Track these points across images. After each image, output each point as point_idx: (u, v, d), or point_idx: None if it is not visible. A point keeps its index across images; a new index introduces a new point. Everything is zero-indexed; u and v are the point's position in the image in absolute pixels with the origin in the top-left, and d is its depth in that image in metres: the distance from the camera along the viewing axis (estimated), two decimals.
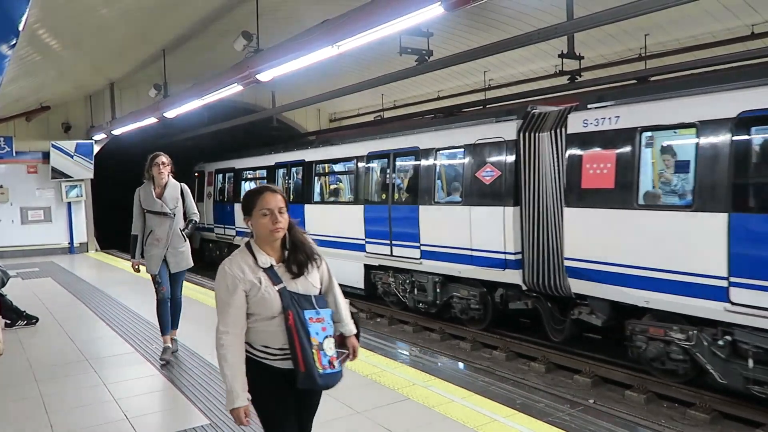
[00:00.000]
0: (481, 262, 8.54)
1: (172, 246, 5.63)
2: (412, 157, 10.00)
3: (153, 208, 5.57)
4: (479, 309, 8.93)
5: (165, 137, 18.70)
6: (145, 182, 5.66)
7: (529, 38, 6.89)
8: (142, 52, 11.60)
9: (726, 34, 9.32)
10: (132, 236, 5.70)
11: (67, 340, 6.67)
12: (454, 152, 9.23)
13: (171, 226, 5.60)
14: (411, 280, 10.01)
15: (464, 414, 4.22)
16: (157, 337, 6.64)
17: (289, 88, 14.47)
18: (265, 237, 2.57)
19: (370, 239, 10.69)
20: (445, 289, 9.45)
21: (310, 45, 6.50)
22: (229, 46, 8.31)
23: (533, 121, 8.04)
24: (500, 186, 8.22)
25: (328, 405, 4.59)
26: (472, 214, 8.63)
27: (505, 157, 8.19)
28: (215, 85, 9.28)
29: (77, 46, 9.94)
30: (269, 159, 14.45)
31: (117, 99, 14.97)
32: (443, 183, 9.53)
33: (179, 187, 5.76)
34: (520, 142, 8.03)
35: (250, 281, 2.50)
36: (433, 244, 9.35)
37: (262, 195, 2.57)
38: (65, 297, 9.46)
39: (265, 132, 17.48)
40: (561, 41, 9.30)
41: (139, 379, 5.30)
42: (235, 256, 2.59)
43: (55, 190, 15.87)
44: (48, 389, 5.02)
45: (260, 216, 2.54)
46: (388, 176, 10.41)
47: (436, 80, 13.96)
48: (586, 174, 7.06)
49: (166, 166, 5.61)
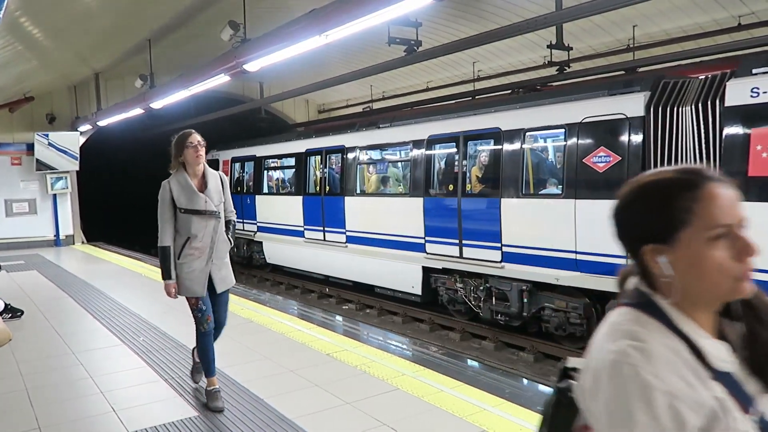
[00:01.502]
0: (590, 267, 7.06)
1: (217, 257, 4.28)
2: (490, 141, 8.46)
3: (194, 206, 4.15)
4: (581, 324, 7.46)
5: (151, 129, 18.53)
6: (174, 173, 4.24)
7: (518, 28, 6.87)
8: (127, 41, 11.44)
9: (713, 26, 9.38)
10: (162, 249, 4.16)
11: (53, 333, 6.60)
12: (552, 134, 7.82)
13: (216, 230, 4.26)
14: (487, 287, 8.51)
15: (453, 403, 4.23)
16: (145, 328, 6.61)
17: (277, 78, 14.39)
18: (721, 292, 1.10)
19: (431, 237, 9.15)
20: (534, 298, 7.94)
21: (298, 34, 6.44)
22: (216, 35, 8.22)
23: (666, 93, 6.58)
24: (620, 174, 6.66)
25: (318, 396, 4.61)
26: (577, 210, 7.14)
27: (628, 138, 6.71)
28: (202, 76, 9.19)
29: (60, 35, 9.79)
30: (299, 145, 12.79)
31: (102, 90, 14.79)
32: (535, 171, 7.94)
33: (218, 176, 4.41)
34: (648, 119, 6.54)
35: (705, 405, 1.03)
36: (519, 245, 7.85)
37: None
38: (51, 290, 9.36)
39: (253, 123, 17.35)
40: (550, 32, 9.30)
41: (126, 371, 5.26)
42: (646, 342, 1.06)
43: (40, 182, 15.68)
44: (33, 382, 4.96)
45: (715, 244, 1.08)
46: (457, 163, 8.83)
47: (425, 71, 13.92)
48: (755, 159, 5.66)
49: (203, 146, 4.21)
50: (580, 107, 7.25)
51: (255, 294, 8.93)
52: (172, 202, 4.15)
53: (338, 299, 11.80)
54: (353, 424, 3.93)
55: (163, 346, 5.90)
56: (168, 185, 4.16)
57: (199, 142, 4.17)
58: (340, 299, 11.76)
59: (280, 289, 13.47)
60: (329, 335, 6.21)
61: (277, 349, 5.74)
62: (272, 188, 14.14)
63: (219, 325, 4.44)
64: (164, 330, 6.53)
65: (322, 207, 11.69)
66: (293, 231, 12.61)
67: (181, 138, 4.19)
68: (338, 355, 5.46)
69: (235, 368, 5.13)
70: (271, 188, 14.15)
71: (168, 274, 4.15)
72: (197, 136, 4.18)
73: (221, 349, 5.76)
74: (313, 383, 4.72)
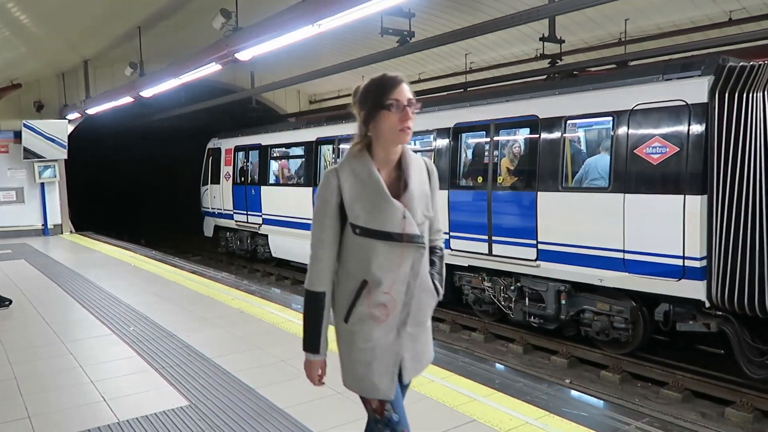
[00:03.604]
0: (640, 268, 6.50)
1: (414, 320, 2.28)
2: (525, 129, 7.93)
3: (382, 225, 2.18)
4: (626, 329, 6.90)
5: (141, 118, 18.38)
6: (351, 155, 2.25)
7: (511, 20, 6.87)
8: (116, 28, 11.30)
9: (704, 20, 9.44)
10: (311, 296, 2.28)
11: (42, 323, 6.55)
12: (597, 122, 7.29)
13: (418, 270, 2.26)
14: (519, 287, 7.97)
15: (443, 393, 4.26)
16: (135, 318, 6.58)
17: (269, 68, 14.27)
18: None
19: (456, 233, 8.55)
20: (573, 300, 7.35)
21: (290, 24, 6.40)
22: (207, 24, 8.13)
23: (733, 78, 5.94)
24: (678, 167, 6.14)
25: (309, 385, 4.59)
26: (627, 205, 6.55)
27: (688, 128, 6.09)
28: (193, 64, 9.11)
29: (49, 21, 9.66)
30: (309, 133, 12.21)
31: (91, 77, 14.58)
32: (577, 163, 7.40)
33: (424, 165, 2.38)
34: (713, 106, 5.93)
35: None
36: (557, 243, 7.26)
37: None
38: (40, 279, 9.29)
39: (244, 113, 17.24)
40: (542, 25, 9.30)
41: (116, 361, 5.24)
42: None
43: (28, 171, 15.51)
44: (23, 372, 4.93)
45: None
46: (487, 154, 8.25)
47: (418, 62, 13.89)
48: None
49: (415, 106, 2.21)
50: (631, 93, 6.62)
51: (246, 285, 8.91)
52: (339, 211, 2.21)
53: None
54: (344, 413, 3.94)
55: (154, 336, 5.88)
56: (335, 178, 2.20)
57: (411, 101, 2.20)
58: None
59: (286, 284, 13.14)
60: None
61: (268, 339, 5.74)
62: (279, 179, 13.62)
63: None
64: (154, 320, 6.50)
65: None
66: (302, 224, 12.14)
67: (381, 85, 2.22)
68: (330, 345, 5.45)
69: (227, 358, 5.13)
70: (277, 179, 13.63)
71: (314, 343, 2.34)
72: (407, 90, 2.22)
73: (211, 339, 5.77)
74: (305, 373, 4.71)
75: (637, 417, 3.99)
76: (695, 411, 6.07)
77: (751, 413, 5.79)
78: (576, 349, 7.53)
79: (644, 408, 6.03)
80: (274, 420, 3.85)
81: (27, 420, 3.97)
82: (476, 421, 3.79)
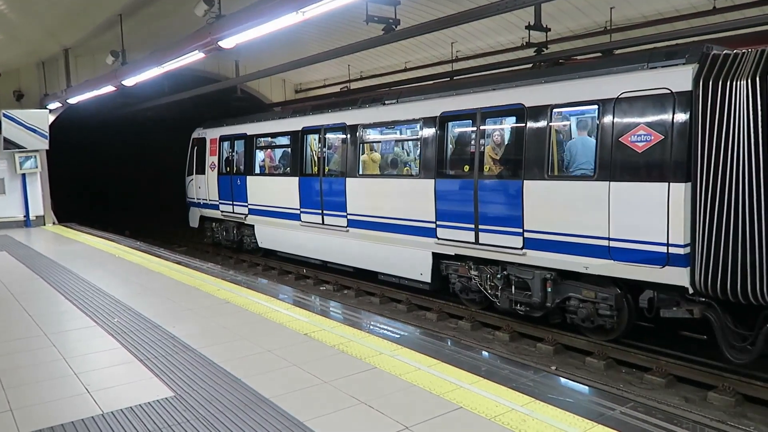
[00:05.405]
0: (625, 255, 6.53)
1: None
2: (512, 118, 7.89)
3: None
4: (611, 316, 6.97)
5: (125, 107, 18.14)
6: None
7: (497, 8, 6.83)
8: (97, 16, 11.09)
9: (689, 9, 9.49)
10: None
11: (24, 315, 6.47)
12: (583, 110, 7.22)
13: None
14: (505, 275, 7.97)
15: (430, 381, 4.27)
16: (119, 309, 6.51)
17: (254, 57, 14.15)
18: None
19: (443, 222, 8.56)
20: (558, 288, 7.39)
21: (274, 11, 6.32)
22: (190, 11, 8.01)
23: (717, 66, 5.93)
24: (662, 155, 6.18)
25: (295, 374, 4.61)
26: (612, 193, 6.58)
27: (672, 116, 6.12)
28: (176, 53, 8.98)
29: (27, 8, 9.45)
30: (295, 123, 12.01)
31: (72, 66, 14.35)
32: (563, 151, 7.38)
33: None
34: (697, 94, 5.92)
35: None
36: (543, 230, 7.30)
37: None
38: (22, 271, 9.16)
39: (228, 103, 17.07)
40: (528, 13, 9.30)
41: (100, 352, 5.19)
42: None
43: (8, 162, 15.25)
44: (4, 364, 4.87)
45: None
46: (473, 142, 8.22)
47: (403, 51, 13.83)
48: None
49: None
50: (617, 81, 6.63)
51: (232, 275, 8.86)
52: None
53: (336, 286, 11.28)
54: (330, 402, 3.94)
55: (138, 327, 5.83)
56: None
57: None
58: (339, 285, 11.26)
59: (273, 274, 12.96)
60: (306, 315, 6.20)
61: (254, 329, 5.71)
62: (265, 169, 13.46)
63: None
64: (139, 311, 6.44)
65: (321, 189, 11.08)
66: (288, 214, 12.06)
67: None
68: (316, 334, 5.45)
69: (213, 348, 5.10)
70: (263, 169, 13.46)
71: None
72: None
73: (196, 329, 5.73)
74: (291, 362, 4.71)
75: (622, 402, 4.02)
76: (678, 396, 6.14)
77: (733, 397, 5.87)
78: (562, 336, 7.58)
79: (629, 393, 6.09)
80: (261, 410, 3.83)
81: (9, 413, 3.91)
82: (463, 408, 3.81)
